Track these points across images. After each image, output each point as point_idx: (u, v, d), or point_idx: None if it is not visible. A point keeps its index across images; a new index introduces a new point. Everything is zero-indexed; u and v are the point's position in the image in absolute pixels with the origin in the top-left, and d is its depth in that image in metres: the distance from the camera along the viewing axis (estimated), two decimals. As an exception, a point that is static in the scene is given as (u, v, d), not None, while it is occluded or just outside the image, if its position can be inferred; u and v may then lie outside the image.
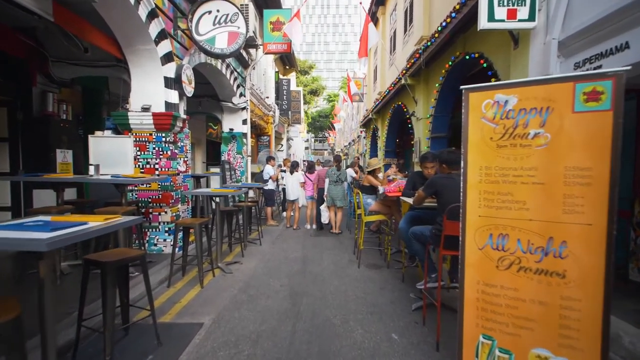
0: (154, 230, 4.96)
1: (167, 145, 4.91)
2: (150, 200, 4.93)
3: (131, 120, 4.79)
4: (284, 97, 15.73)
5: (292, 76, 21.24)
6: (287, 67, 18.41)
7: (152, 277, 4.02)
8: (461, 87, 1.95)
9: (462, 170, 1.95)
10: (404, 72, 8.59)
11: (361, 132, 22.28)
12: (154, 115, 4.78)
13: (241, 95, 9.23)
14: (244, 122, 9.53)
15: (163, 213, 4.94)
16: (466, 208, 1.97)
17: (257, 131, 13.21)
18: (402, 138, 16.04)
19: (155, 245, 4.93)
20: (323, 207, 7.69)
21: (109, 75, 5.74)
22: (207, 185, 8.46)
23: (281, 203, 10.08)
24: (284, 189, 8.93)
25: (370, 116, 14.68)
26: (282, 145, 17.73)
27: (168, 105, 4.91)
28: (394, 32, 12.39)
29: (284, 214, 9.01)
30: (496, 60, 4.95)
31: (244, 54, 8.96)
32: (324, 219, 7.73)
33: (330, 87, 63.84)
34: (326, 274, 4.54)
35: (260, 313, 3.30)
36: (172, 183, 4.98)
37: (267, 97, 12.30)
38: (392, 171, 5.41)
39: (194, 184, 7.82)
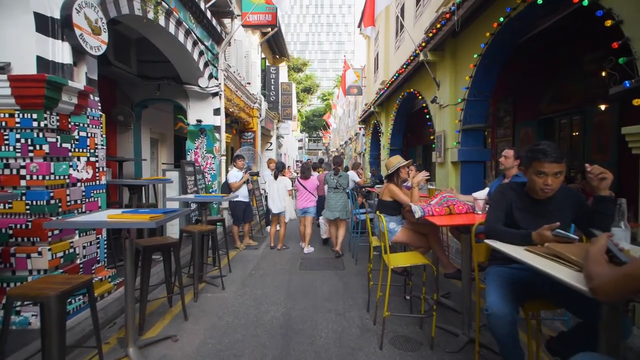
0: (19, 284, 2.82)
1: (41, 134, 2.79)
2: (11, 232, 2.79)
3: (-29, 88, 2.67)
4: (272, 87, 13.59)
5: (284, 69, 19.10)
6: (277, 56, 16.28)
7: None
8: None
9: None
10: (422, 45, 6.55)
11: (359, 129, 20.22)
12: (12, 80, 2.65)
13: (211, 76, 7.11)
14: (216, 112, 7.41)
15: (35, 254, 2.80)
16: None
17: (240, 126, 11.12)
18: (406, 135, 14.03)
19: (19, 314, 2.77)
20: (322, 220, 6.24)
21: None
22: (163, 196, 6.33)
23: (264, 216, 7.97)
24: (266, 198, 6.86)
25: (371, 109, 12.62)
26: (271, 143, 15.58)
27: (45, 64, 2.79)
28: (402, 8, 10.37)
29: (268, 228, 6.90)
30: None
31: (215, 23, 6.86)
32: (322, 234, 6.37)
33: (325, 86, 62.18)
34: (324, 370, 2.46)
35: None
36: (53, 201, 2.85)
37: (249, 84, 10.17)
38: (421, 175, 3.37)
39: (125, 196, 5.67)
